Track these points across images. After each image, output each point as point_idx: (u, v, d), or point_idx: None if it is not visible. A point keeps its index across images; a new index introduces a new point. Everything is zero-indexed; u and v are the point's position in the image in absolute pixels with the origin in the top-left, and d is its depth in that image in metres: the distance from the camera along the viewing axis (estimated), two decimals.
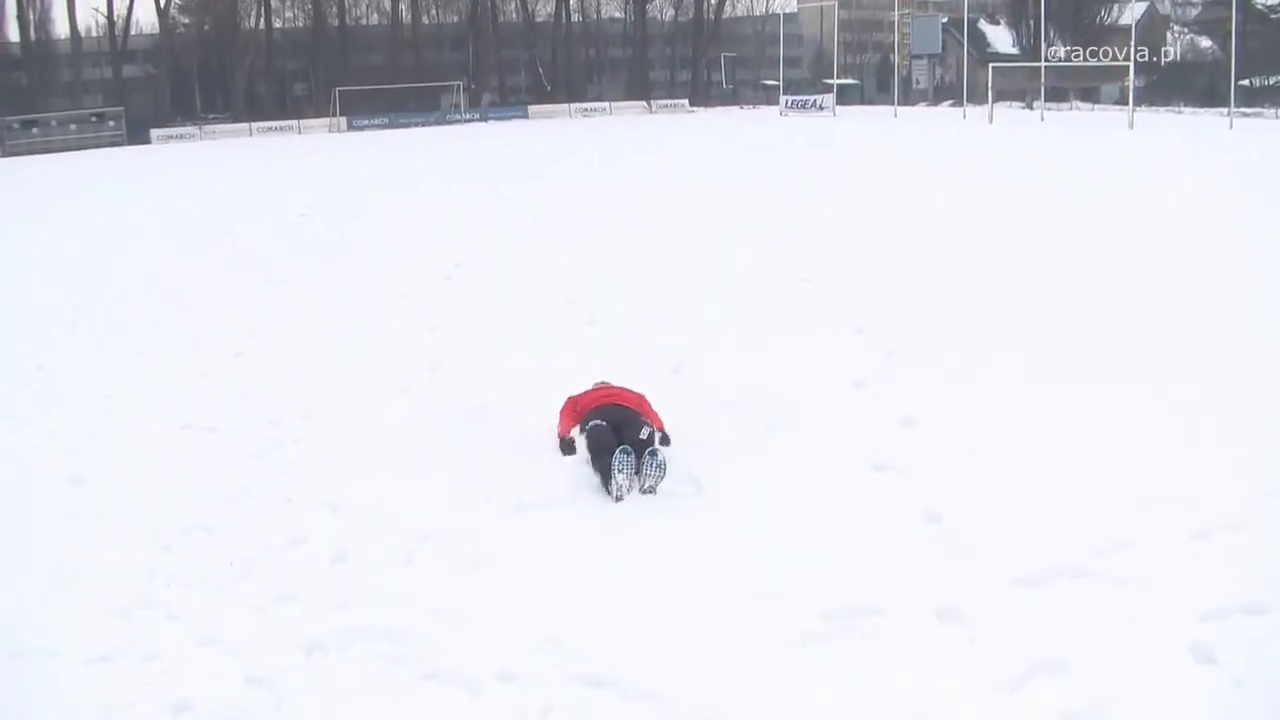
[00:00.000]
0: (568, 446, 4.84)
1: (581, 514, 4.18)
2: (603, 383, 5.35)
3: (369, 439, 5.12)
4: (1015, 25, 52.12)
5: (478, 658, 3.19)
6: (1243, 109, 30.80)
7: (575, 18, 57.40)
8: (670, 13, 59.67)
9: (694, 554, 3.77)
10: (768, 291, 8.23)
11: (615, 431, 4.66)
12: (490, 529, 4.06)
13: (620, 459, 4.30)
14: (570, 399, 5.19)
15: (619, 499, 4.29)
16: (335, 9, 53.58)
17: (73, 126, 40.77)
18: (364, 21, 56.19)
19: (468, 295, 8.60)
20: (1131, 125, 27.25)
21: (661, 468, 4.33)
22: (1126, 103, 30.11)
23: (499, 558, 3.82)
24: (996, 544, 3.71)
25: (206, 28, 51.54)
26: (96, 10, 50.07)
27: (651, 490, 4.33)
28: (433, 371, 6.37)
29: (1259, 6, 40.83)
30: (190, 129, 44.05)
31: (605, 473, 4.35)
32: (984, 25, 55.69)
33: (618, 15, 59.53)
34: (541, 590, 3.58)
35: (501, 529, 4.06)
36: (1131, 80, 30.23)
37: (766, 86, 51.61)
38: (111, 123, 41.67)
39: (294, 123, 44.85)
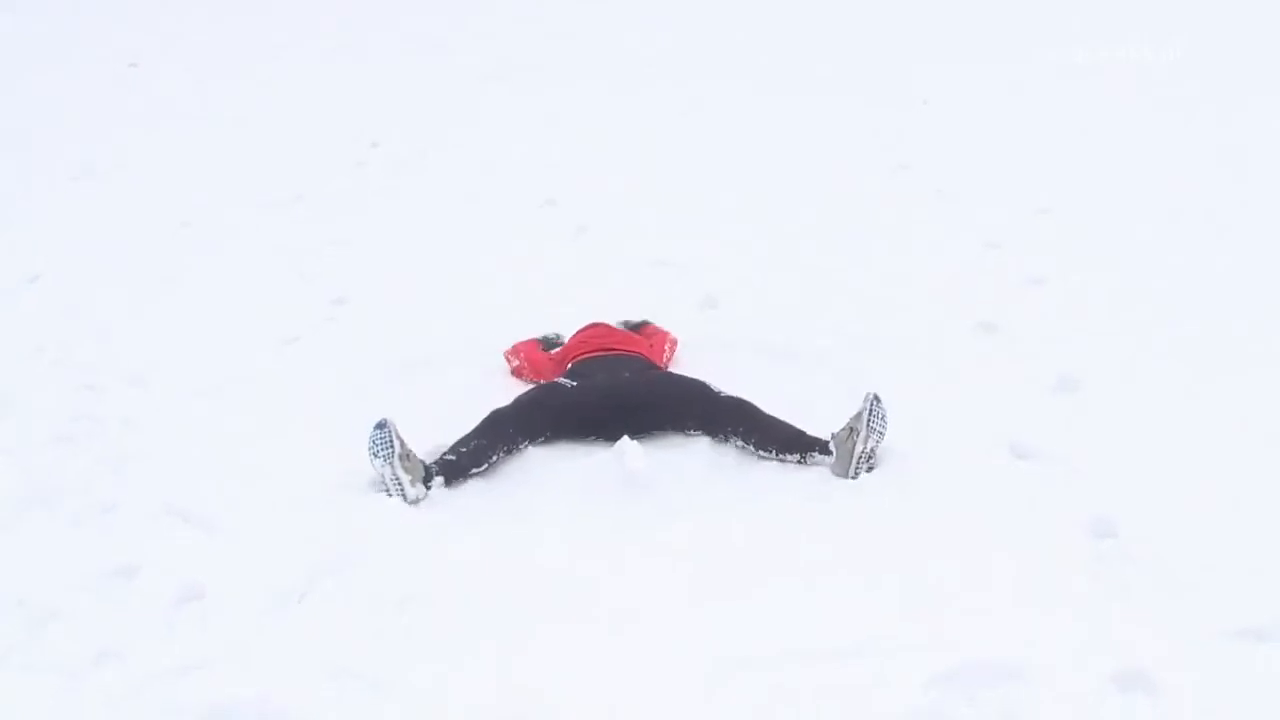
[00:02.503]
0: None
1: (562, 527, 4.13)
2: (599, 325, 5.32)
3: (236, 415, 5.08)
4: None
5: None
6: None
7: None
8: None
9: (732, 589, 3.72)
10: (847, 185, 8.18)
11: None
12: (421, 551, 4.00)
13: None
14: (530, 342, 5.19)
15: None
16: None
17: None
18: None
19: (390, 193, 8.57)
20: None
21: None
22: None
23: (435, 594, 3.76)
24: (1205, 574, 3.66)
25: None
26: None
27: None
28: (336, 309, 6.37)
29: None
30: None
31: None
32: None
33: None
34: (501, 641, 3.52)
35: (440, 551, 4.00)
36: None
37: None
38: None
39: None
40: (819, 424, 4.50)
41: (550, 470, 4.50)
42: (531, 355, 5.28)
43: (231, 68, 13.19)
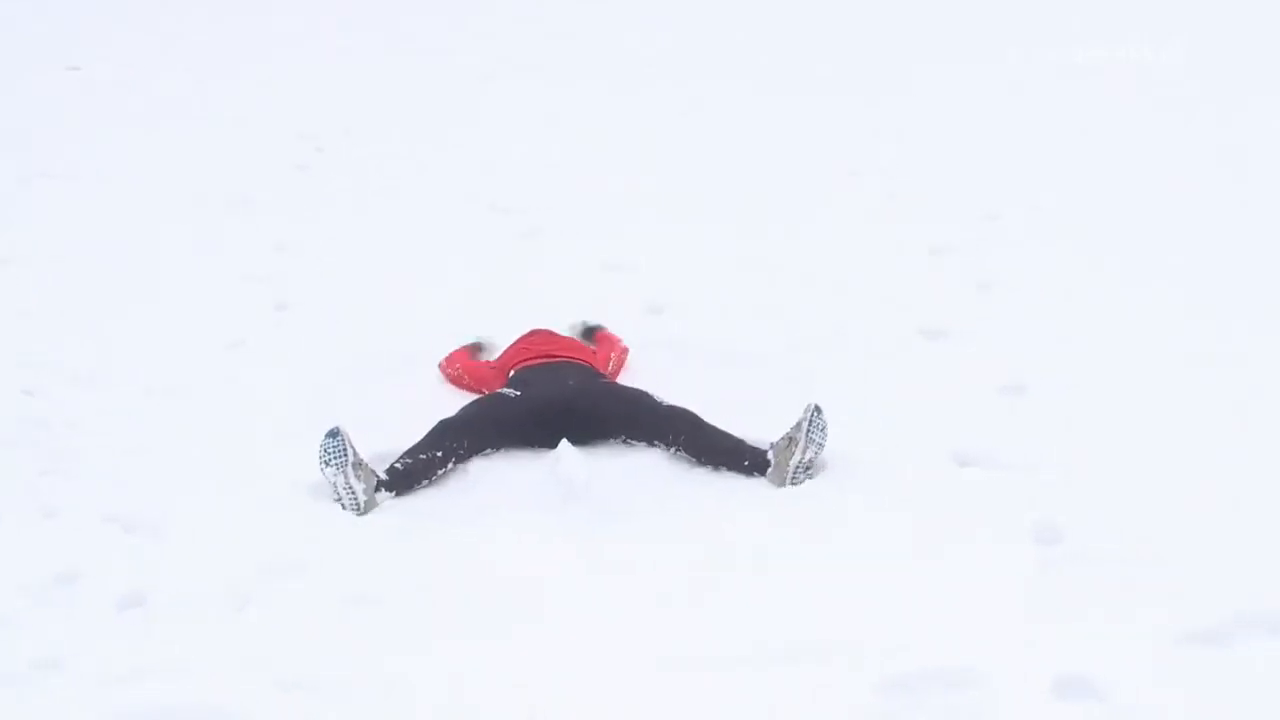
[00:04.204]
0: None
1: (513, 531, 4.14)
2: (541, 331, 5.31)
3: (178, 419, 5.07)
4: None
5: None
6: None
7: None
8: None
9: (680, 594, 3.73)
10: (796, 190, 8.19)
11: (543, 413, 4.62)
12: (370, 556, 4.01)
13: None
14: (462, 351, 5.30)
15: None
16: None
17: None
18: None
19: (334, 196, 8.49)
20: None
21: None
22: None
23: (385, 598, 3.77)
24: (1151, 579, 3.67)
25: None
26: None
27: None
28: (279, 314, 6.34)
29: None
30: None
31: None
32: None
33: None
34: (453, 644, 3.53)
35: (389, 555, 4.01)
36: None
37: None
38: None
39: None
40: (763, 432, 4.51)
41: (498, 477, 4.50)
42: (468, 364, 5.28)
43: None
